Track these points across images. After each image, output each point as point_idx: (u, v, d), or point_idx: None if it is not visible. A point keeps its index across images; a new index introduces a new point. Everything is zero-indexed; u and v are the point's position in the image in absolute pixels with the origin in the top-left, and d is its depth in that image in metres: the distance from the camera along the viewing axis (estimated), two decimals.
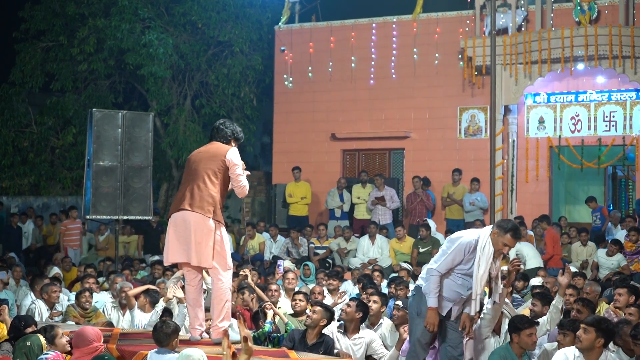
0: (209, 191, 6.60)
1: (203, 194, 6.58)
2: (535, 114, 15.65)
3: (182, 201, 6.62)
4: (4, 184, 18.79)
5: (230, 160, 6.63)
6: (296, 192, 16.16)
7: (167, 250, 6.71)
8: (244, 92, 18.79)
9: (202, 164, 6.68)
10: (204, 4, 18.13)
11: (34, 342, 5.65)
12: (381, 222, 14.90)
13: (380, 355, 7.79)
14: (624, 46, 14.16)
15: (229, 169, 6.65)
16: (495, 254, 6.48)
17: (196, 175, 6.65)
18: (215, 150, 6.71)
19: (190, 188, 6.62)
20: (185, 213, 6.59)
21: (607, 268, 12.30)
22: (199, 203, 6.56)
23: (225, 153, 6.65)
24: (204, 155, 6.73)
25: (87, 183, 11.86)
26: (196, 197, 6.58)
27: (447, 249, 6.54)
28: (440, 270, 6.48)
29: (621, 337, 6.31)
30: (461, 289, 6.53)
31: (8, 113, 18.62)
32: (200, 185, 6.60)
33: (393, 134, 16.56)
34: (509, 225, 6.45)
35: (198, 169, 6.67)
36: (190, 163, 6.79)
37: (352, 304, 7.78)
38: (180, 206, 6.61)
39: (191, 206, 6.56)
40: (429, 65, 16.27)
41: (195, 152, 6.89)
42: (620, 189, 17.45)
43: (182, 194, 6.69)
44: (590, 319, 6.02)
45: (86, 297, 9.12)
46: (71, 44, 18.26)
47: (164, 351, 5.99)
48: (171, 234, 6.69)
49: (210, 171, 6.63)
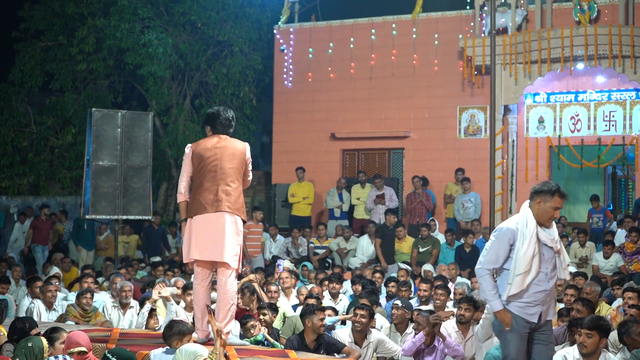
0: (239, 191, 6.70)
1: (237, 195, 6.66)
2: (535, 113, 15.65)
3: (219, 202, 6.56)
4: (3, 183, 18.78)
5: (249, 158, 6.80)
6: (299, 192, 16.16)
7: (193, 247, 6.59)
8: (244, 91, 18.79)
9: (227, 162, 6.64)
10: (203, 4, 18.12)
11: (36, 344, 5.63)
12: (381, 222, 14.89)
13: (392, 351, 7.80)
14: (623, 46, 14.16)
15: (247, 165, 6.79)
16: (547, 223, 5.70)
17: (224, 174, 6.61)
18: (234, 148, 6.71)
19: (224, 189, 6.59)
20: (224, 215, 6.56)
21: (605, 270, 12.30)
22: (235, 205, 6.62)
23: (244, 151, 6.76)
24: (225, 152, 6.66)
25: (86, 183, 11.86)
26: (232, 198, 6.61)
27: (489, 243, 5.79)
28: (486, 267, 5.71)
29: (630, 336, 6.31)
30: (543, 283, 5.65)
31: (7, 113, 18.62)
32: (231, 185, 6.62)
33: (393, 134, 16.56)
34: (551, 187, 5.69)
35: (224, 168, 6.62)
36: (209, 159, 6.63)
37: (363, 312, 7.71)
38: (219, 207, 6.55)
39: (230, 208, 6.57)
40: (428, 65, 16.27)
41: (210, 146, 6.68)
42: (620, 188, 17.44)
43: (215, 193, 6.58)
44: (590, 323, 5.97)
45: (87, 298, 9.10)
46: (70, 43, 18.25)
47: (171, 351, 5.96)
48: (200, 231, 6.58)
49: (236, 171, 6.68)
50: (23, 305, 9.76)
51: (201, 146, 6.71)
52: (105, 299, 9.82)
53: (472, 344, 7.67)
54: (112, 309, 9.59)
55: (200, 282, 6.74)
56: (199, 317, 6.75)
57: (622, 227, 13.54)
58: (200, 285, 6.73)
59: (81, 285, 10.30)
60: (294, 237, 14.75)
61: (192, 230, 6.61)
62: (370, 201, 15.20)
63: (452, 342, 7.46)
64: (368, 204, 15.26)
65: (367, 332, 7.72)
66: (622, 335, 6.40)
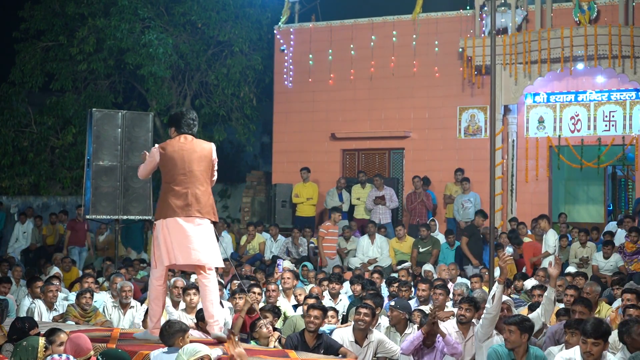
0: (209, 194, 6.80)
1: (207, 198, 6.75)
2: (535, 113, 15.65)
3: (189, 207, 6.65)
4: (3, 183, 18.79)
5: (215, 159, 6.90)
6: (303, 193, 16.17)
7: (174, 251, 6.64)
8: (244, 92, 18.79)
9: (196, 165, 6.74)
10: (203, 4, 18.13)
11: (30, 343, 5.63)
12: (381, 222, 14.91)
13: (392, 351, 7.81)
14: (623, 46, 14.16)
15: (213, 166, 6.90)
16: None
17: (193, 177, 6.71)
18: (202, 150, 6.84)
19: (193, 193, 6.68)
20: (195, 219, 6.66)
21: (605, 270, 12.31)
22: (207, 208, 6.72)
23: (211, 151, 6.88)
24: (193, 155, 6.77)
25: (86, 183, 11.86)
26: (202, 201, 6.70)
27: None
28: None
29: (630, 336, 6.31)
30: None
31: (8, 113, 18.64)
32: (201, 188, 6.72)
33: (393, 134, 16.56)
34: None
35: (194, 171, 6.72)
36: (178, 161, 6.71)
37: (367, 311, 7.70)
38: (189, 213, 6.64)
39: (200, 212, 6.67)
40: (428, 65, 16.28)
41: (178, 148, 6.78)
42: (620, 188, 17.45)
43: (185, 198, 6.65)
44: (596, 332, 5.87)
45: (87, 298, 9.12)
46: (71, 43, 18.26)
47: (173, 350, 5.98)
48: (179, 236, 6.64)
49: (205, 173, 6.79)
50: (24, 306, 9.77)
51: (169, 148, 6.79)
52: (106, 299, 9.84)
53: (472, 344, 7.68)
54: (113, 309, 9.61)
55: (162, 283, 6.86)
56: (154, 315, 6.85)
57: (622, 227, 13.54)
58: (162, 286, 6.86)
59: (81, 285, 10.32)
60: (294, 237, 14.76)
61: (166, 234, 6.65)
62: (370, 201, 15.21)
63: (452, 340, 7.47)
64: (368, 204, 15.26)
65: (368, 331, 7.73)
66: (623, 334, 6.40)
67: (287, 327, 8.71)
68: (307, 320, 7.49)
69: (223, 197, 20.49)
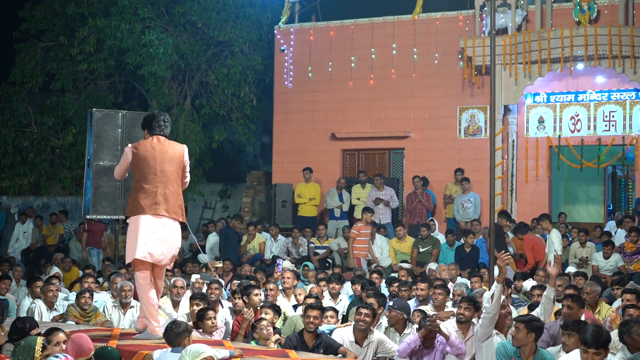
0: (178, 194, 6.97)
1: (176, 199, 6.93)
2: (535, 113, 15.65)
3: (157, 205, 6.84)
4: (4, 183, 18.79)
5: (187, 160, 7.06)
6: (305, 193, 16.17)
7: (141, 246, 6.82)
8: (244, 92, 18.79)
9: (167, 165, 6.90)
10: (204, 4, 18.13)
11: (27, 342, 5.62)
12: (381, 222, 14.91)
13: (392, 351, 7.82)
14: (623, 46, 14.16)
15: (184, 167, 7.06)
16: None
17: (164, 177, 6.88)
18: (174, 151, 6.98)
19: (163, 192, 6.86)
20: (163, 219, 6.86)
21: (605, 270, 12.31)
22: (174, 209, 6.89)
23: (183, 153, 7.03)
24: (165, 155, 6.92)
25: (87, 183, 11.84)
26: (171, 202, 6.88)
27: None
28: None
29: (631, 336, 6.32)
30: None
31: (8, 113, 18.63)
32: (171, 189, 6.89)
33: (393, 134, 16.57)
34: None
35: (165, 171, 6.88)
36: (148, 160, 6.87)
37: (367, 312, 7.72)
38: (157, 211, 6.83)
39: (167, 211, 6.85)
40: (429, 65, 16.28)
41: (148, 147, 6.93)
42: (620, 188, 17.45)
43: (154, 196, 6.85)
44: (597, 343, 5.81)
45: (86, 297, 9.14)
46: (71, 43, 18.25)
47: (178, 350, 5.98)
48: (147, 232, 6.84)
49: (175, 174, 6.95)
50: (24, 306, 9.78)
51: (141, 148, 6.93)
52: (106, 299, 9.85)
53: (472, 344, 7.68)
54: (113, 309, 9.62)
55: (149, 282, 7.01)
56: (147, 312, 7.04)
57: (622, 227, 13.54)
58: (149, 285, 7.01)
59: (81, 285, 10.33)
60: (295, 237, 14.76)
61: (137, 230, 6.84)
62: (370, 201, 15.21)
63: (456, 341, 7.46)
64: (368, 204, 15.26)
65: (368, 331, 7.74)
66: (623, 335, 6.41)
67: (287, 327, 8.71)
68: (306, 321, 7.50)
69: (223, 197, 20.50)
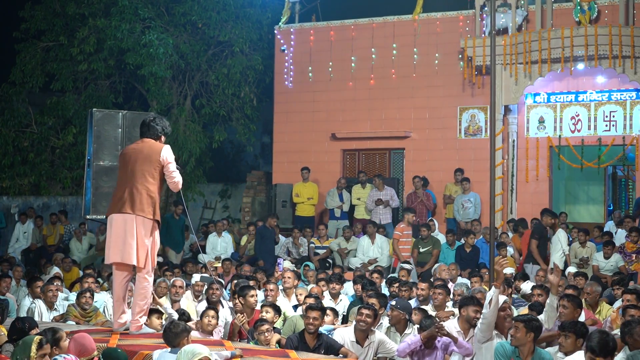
0: (148, 192, 6.88)
1: (143, 196, 6.86)
2: (535, 113, 15.65)
3: (122, 203, 6.87)
4: (4, 183, 18.80)
5: (165, 159, 6.95)
6: (303, 193, 16.17)
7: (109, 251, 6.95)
8: (244, 92, 18.79)
9: (139, 164, 6.91)
10: (204, 4, 18.13)
11: (25, 342, 5.61)
12: (382, 222, 14.91)
13: (393, 351, 7.81)
14: (624, 46, 14.16)
15: (164, 167, 6.95)
16: None
17: (133, 176, 6.89)
18: (149, 150, 6.95)
19: (130, 190, 6.87)
20: (126, 216, 6.85)
21: (606, 270, 12.30)
22: (140, 206, 6.84)
23: (159, 152, 6.95)
24: (139, 155, 6.94)
25: (87, 183, 11.79)
26: (136, 199, 6.84)
27: None
28: None
29: (632, 336, 6.31)
30: None
31: (8, 113, 18.63)
32: (138, 187, 6.86)
33: (393, 134, 16.57)
34: None
35: (135, 170, 6.90)
36: (125, 161, 6.99)
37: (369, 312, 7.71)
38: (121, 209, 6.86)
39: (132, 209, 6.83)
40: (429, 65, 16.28)
41: (129, 149, 7.07)
42: (620, 188, 17.45)
43: (120, 195, 6.92)
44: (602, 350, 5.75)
45: (86, 297, 9.14)
46: (71, 43, 18.25)
47: (176, 350, 5.98)
48: (112, 234, 6.93)
49: (147, 173, 6.90)
50: (24, 306, 9.78)
51: (125, 150, 7.11)
52: (106, 299, 9.85)
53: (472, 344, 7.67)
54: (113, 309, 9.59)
55: (120, 281, 7.07)
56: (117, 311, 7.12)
57: (622, 227, 13.53)
58: (121, 284, 7.07)
59: (82, 285, 10.33)
60: (295, 237, 14.76)
61: (110, 231, 6.96)
62: (371, 202, 15.21)
63: (464, 342, 7.43)
64: (368, 204, 15.27)
65: (369, 331, 7.73)
66: (625, 335, 6.41)
67: (287, 327, 8.71)
68: (306, 322, 7.49)
69: (223, 197, 20.50)
